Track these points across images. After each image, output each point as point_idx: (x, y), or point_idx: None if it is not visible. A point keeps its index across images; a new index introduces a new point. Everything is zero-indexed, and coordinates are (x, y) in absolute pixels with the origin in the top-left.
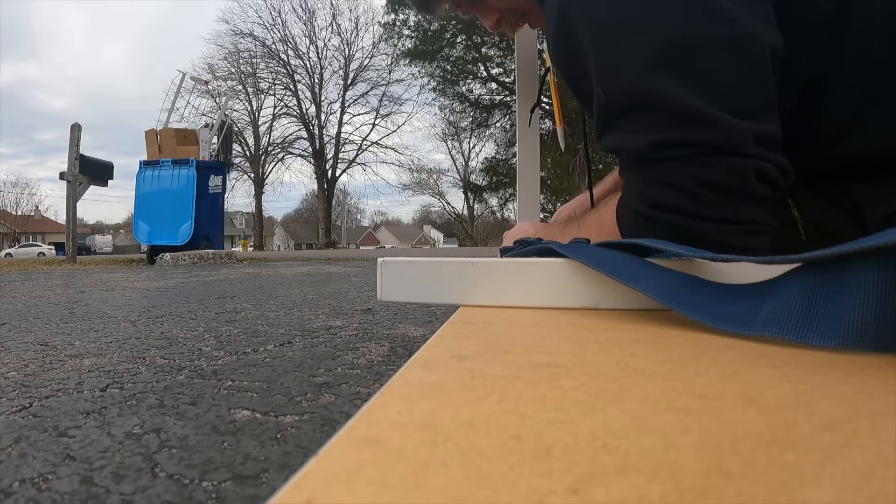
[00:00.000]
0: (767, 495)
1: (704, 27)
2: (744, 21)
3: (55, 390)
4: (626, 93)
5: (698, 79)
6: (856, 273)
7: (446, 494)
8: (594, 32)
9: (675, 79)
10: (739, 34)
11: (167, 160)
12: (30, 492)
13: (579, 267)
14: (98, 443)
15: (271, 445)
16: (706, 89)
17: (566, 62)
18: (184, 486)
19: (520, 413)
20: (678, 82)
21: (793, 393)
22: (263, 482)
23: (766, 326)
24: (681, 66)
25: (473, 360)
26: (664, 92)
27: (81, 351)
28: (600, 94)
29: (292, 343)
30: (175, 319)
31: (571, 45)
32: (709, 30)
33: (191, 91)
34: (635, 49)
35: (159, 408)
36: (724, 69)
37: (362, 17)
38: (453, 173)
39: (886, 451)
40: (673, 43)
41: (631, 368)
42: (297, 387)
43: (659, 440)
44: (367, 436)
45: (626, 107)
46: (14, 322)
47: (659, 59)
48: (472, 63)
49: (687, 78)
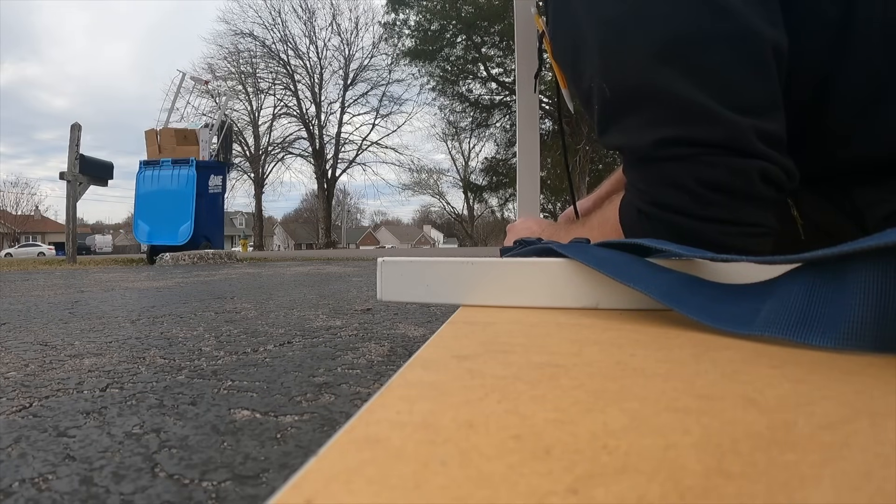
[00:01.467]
0: (767, 495)
1: (708, 22)
2: (747, 17)
3: (55, 390)
4: (629, 88)
5: (701, 74)
6: (856, 273)
7: (446, 494)
8: (598, 27)
9: (678, 74)
10: (743, 30)
11: (167, 160)
12: (30, 492)
13: (579, 267)
14: (98, 443)
15: (271, 445)
16: (709, 85)
17: (571, 56)
18: (184, 486)
19: (520, 413)
20: (681, 77)
21: (793, 393)
22: (263, 482)
23: (766, 326)
24: (684, 62)
25: (473, 360)
26: (667, 87)
27: (81, 351)
28: (604, 91)
29: (292, 343)
30: (175, 319)
31: (576, 41)
32: (712, 25)
33: (191, 91)
34: (639, 44)
35: (159, 408)
36: (727, 64)
37: (362, 17)
38: (453, 173)
39: (886, 451)
40: (677, 38)
41: (631, 368)
42: (297, 387)
43: (659, 440)
44: (366, 436)
45: (628, 103)
46: (14, 322)
47: (663, 54)
48: (472, 63)
49: (690, 73)
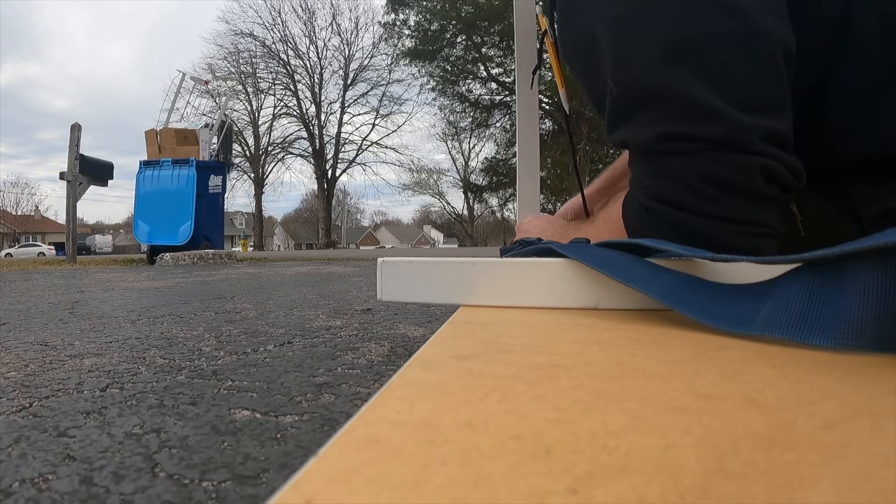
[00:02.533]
0: (767, 495)
1: (717, 21)
2: (757, 16)
3: (55, 390)
4: (639, 87)
5: (709, 73)
6: (856, 273)
7: (446, 494)
8: (609, 26)
9: (686, 72)
10: (752, 29)
11: (167, 160)
12: (30, 492)
13: (579, 267)
14: (98, 443)
15: (271, 445)
16: (717, 84)
17: (583, 57)
18: (184, 485)
19: (520, 413)
20: (690, 76)
21: (793, 393)
22: (263, 482)
23: (766, 327)
24: (693, 60)
25: (473, 360)
26: (675, 86)
27: (81, 351)
28: (612, 89)
29: (292, 343)
30: (175, 319)
31: (588, 41)
32: (721, 24)
33: (191, 91)
34: (649, 43)
35: (159, 408)
36: (735, 64)
37: (362, 17)
38: (453, 173)
39: (886, 451)
40: (686, 37)
41: (631, 368)
42: (297, 387)
43: (659, 440)
44: (366, 436)
45: (637, 101)
46: (14, 322)
47: (671, 53)
48: (472, 63)
49: (698, 72)
